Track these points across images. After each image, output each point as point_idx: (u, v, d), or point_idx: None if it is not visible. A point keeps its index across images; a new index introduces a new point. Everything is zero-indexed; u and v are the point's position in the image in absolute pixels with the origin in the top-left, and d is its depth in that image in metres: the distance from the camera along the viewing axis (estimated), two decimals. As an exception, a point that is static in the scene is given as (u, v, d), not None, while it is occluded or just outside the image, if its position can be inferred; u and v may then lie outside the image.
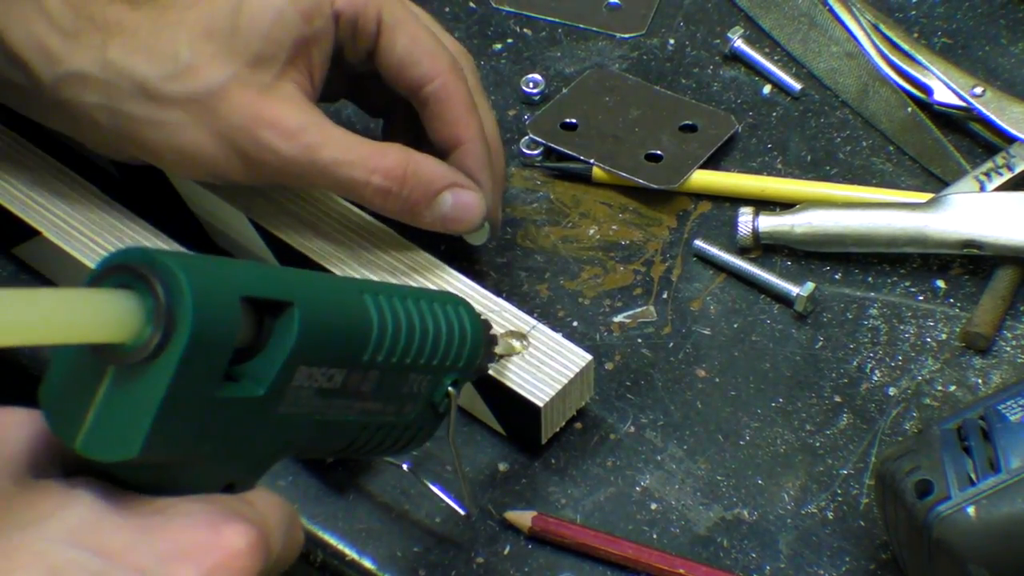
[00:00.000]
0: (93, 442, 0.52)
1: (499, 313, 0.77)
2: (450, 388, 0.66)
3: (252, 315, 0.55)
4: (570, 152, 0.89)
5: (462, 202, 0.77)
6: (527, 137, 0.90)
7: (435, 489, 0.73)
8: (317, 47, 0.76)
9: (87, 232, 0.80)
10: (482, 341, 0.68)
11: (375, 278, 0.78)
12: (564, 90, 0.92)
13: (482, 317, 0.70)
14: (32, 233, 0.81)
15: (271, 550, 0.56)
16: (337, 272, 0.79)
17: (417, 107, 0.79)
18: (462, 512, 0.73)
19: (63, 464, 0.56)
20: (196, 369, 0.52)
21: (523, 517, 0.74)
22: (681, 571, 0.73)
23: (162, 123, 0.74)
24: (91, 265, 0.79)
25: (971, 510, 0.66)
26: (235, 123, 0.74)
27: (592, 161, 0.88)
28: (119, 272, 0.51)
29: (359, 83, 0.82)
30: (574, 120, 0.90)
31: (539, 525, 0.74)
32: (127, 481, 0.54)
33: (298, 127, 0.74)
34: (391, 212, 0.77)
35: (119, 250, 0.52)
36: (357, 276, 0.78)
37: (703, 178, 0.88)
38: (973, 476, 0.67)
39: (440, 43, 0.78)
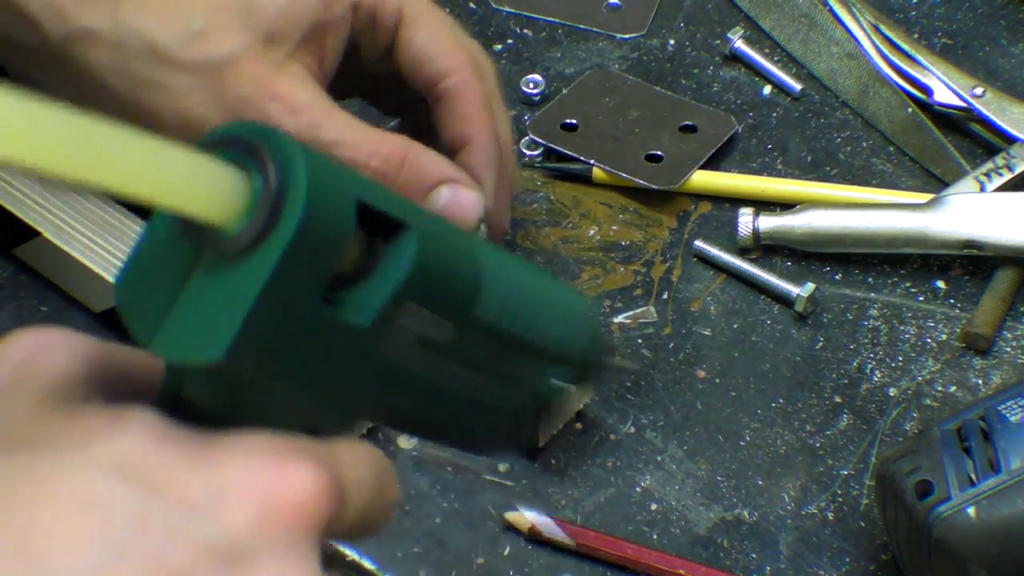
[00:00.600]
0: (173, 341, 0.46)
1: None
2: (565, 383, 0.58)
3: (363, 235, 0.48)
4: (570, 153, 0.89)
5: (459, 199, 0.76)
6: (527, 138, 0.90)
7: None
8: (332, 33, 0.76)
9: (87, 233, 0.80)
10: (601, 341, 0.60)
11: None
12: (564, 91, 0.92)
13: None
14: (33, 234, 0.81)
15: (347, 502, 0.49)
16: None
17: (431, 103, 0.78)
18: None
19: (113, 392, 0.50)
20: (298, 270, 0.45)
21: (523, 518, 0.74)
22: (681, 572, 0.73)
23: (169, 87, 0.74)
24: (92, 266, 0.79)
25: (971, 511, 0.66)
26: (242, 94, 0.73)
27: (592, 162, 0.88)
28: (229, 145, 0.45)
29: (374, 81, 0.81)
30: (574, 121, 0.90)
31: (539, 526, 0.74)
32: (197, 407, 0.47)
33: (304, 104, 0.74)
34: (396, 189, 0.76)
35: (234, 121, 0.46)
36: None
37: (703, 179, 0.88)
38: (973, 477, 0.67)
39: (460, 40, 0.78)
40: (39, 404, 0.49)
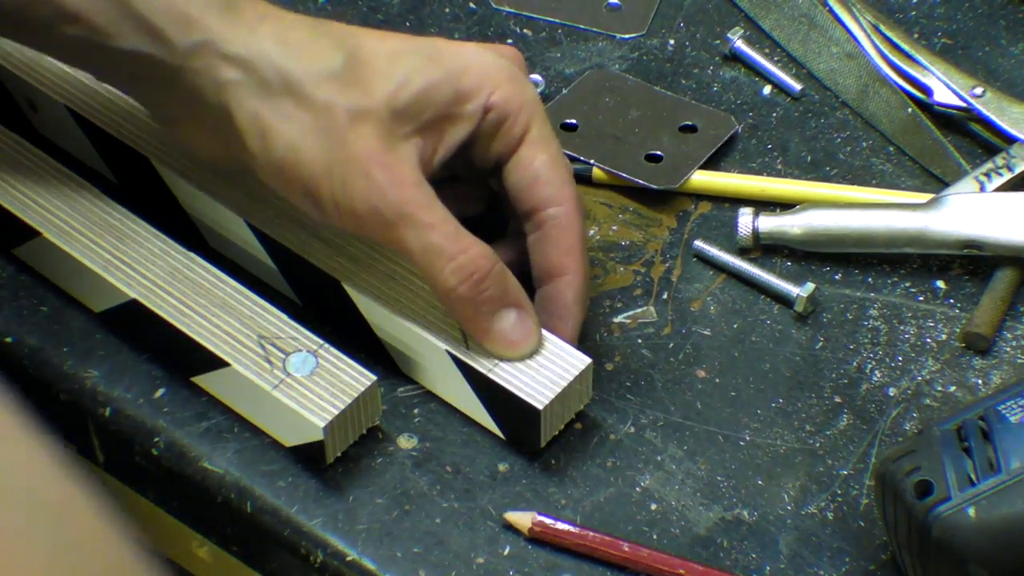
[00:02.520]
0: None
1: None
2: None
3: None
4: (570, 153, 0.89)
5: (524, 326, 0.76)
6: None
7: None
8: (455, 128, 0.76)
9: (87, 233, 0.80)
10: None
11: (372, 280, 0.78)
12: (564, 91, 0.92)
13: None
14: (32, 234, 0.81)
15: None
16: (335, 275, 0.79)
17: (528, 227, 0.78)
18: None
19: None
20: None
21: (523, 518, 0.74)
22: (680, 572, 0.73)
23: (288, 117, 0.74)
24: (92, 266, 0.79)
25: (971, 511, 0.66)
26: (354, 151, 0.73)
27: (592, 162, 0.88)
28: None
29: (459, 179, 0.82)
30: (574, 121, 0.90)
31: (539, 526, 0.74)
32: None
33: (412, 181, 0.74)
34: (456, 298, 0.75)
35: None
36: (357, 281, 0.78)
37: (703, 179, 0.88)
38: (973, 477, 0.67)
39: (570, 173, 0.78)
40: None
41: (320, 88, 0.73)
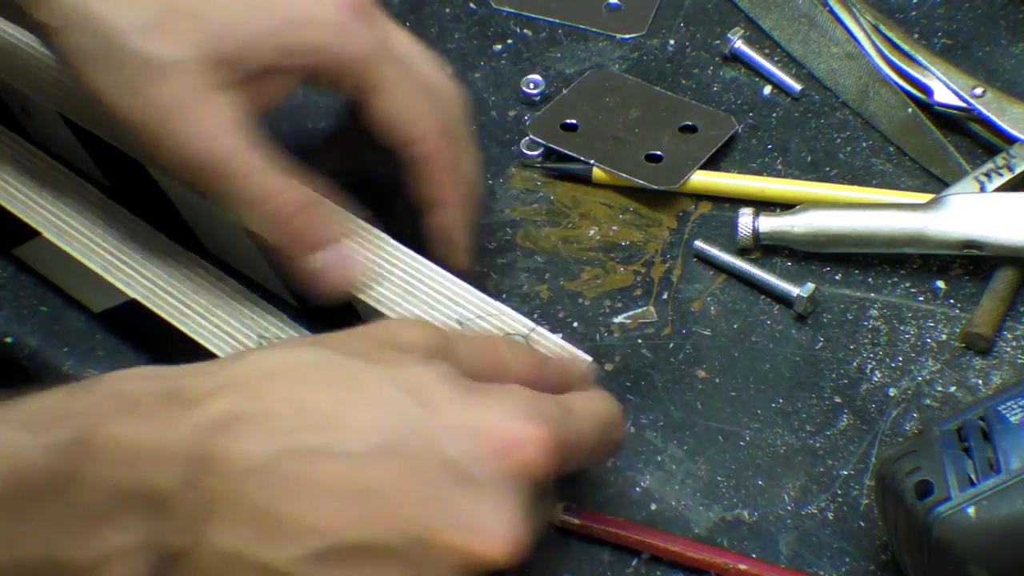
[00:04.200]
0: None
1: (497, 317, 0.77)
2: None
3: None
4: (571, 153, 0.89)
5: (338, 265, 0.76)
6: (527, 138, 0.90)
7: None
8: (282, 80, 0.75)
9: (87, 233, 0.80)
10: None
11: (371, 282, 0.78)
12: (564, 91, 0.92)
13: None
14: (32, 234, 0.81)
15: (569, 455, 0.64)
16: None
17: (400, 160, 0.78)
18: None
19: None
20: None
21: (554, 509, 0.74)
22: (721, 562, 0.73)
23: (108, 70, 0.73)
24: (92, 266, 0.79)
25: (971, 511, 0.66)
26: (166, 102, 0.73)
27: (592, 162, 0.88)
28: None
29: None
30: (574, 121, 0.90)
31: (569, 515, 0.74)
32: None
33: (220, 132, 0.73)
34: (270, 242, 0.76)
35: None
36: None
37: (703, 179, 0.88)
38: (973, 477, 0.67)
39: (430, 102, 0.77)
40: (385, 343, 0.65)
41: (132, 39, 0.72)
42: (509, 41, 0.96)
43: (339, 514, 0.60)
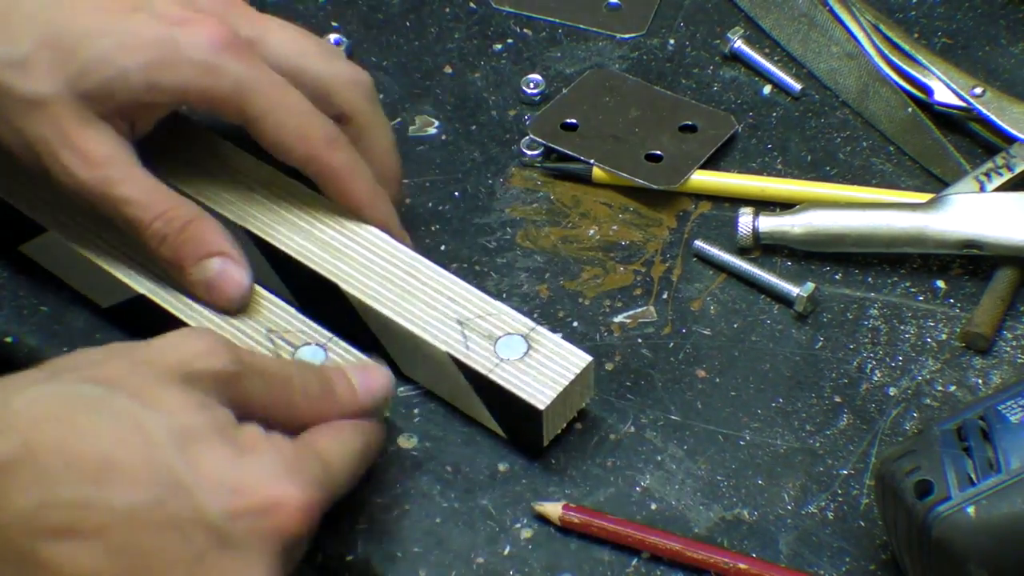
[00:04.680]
0: None
1: (497, 316, 0.77)
2: None
3: None
4: (571, 152, 0.89)
5: (227, 273, 0.77)
6: (527, 138, 0.90)
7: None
8: (151, 112, 0.78)
9: (94, 228, 0.80)
10: None
11: (371, 283, 0.78)
12: (564, 90, 0.92)
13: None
14: (39, 230, 0.81)
15: (324, 506, 0.67)
16: (333, 279, 0.78)
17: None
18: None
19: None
20: None
21: (554, 508, 0.74)
22: (726, 562, 0.73)
23: None
24: (99, 261, 0.79)
25: (971, 510, 0.66)
26: (44, 135, 0.75)
27: (592, 161, 0.88)
28: None
29: None
30: (574, 120, 0.90)
31: (569, 514, 0.74)
32: None
33: (101, 159, 0.75)
34: (162, 259, 0.77)
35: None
36: (355, 284, 0.78)
37: (703, 179, 0.88)
38: (973, 477, 0.67)
39: (311, 118, 0.78)
40: (167, 376, 0.67)
41: (4, 75, 0.74)
42: (509, 41, 0.96)
43: (99, 569, 0.62)
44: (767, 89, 0.93)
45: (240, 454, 0.66)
